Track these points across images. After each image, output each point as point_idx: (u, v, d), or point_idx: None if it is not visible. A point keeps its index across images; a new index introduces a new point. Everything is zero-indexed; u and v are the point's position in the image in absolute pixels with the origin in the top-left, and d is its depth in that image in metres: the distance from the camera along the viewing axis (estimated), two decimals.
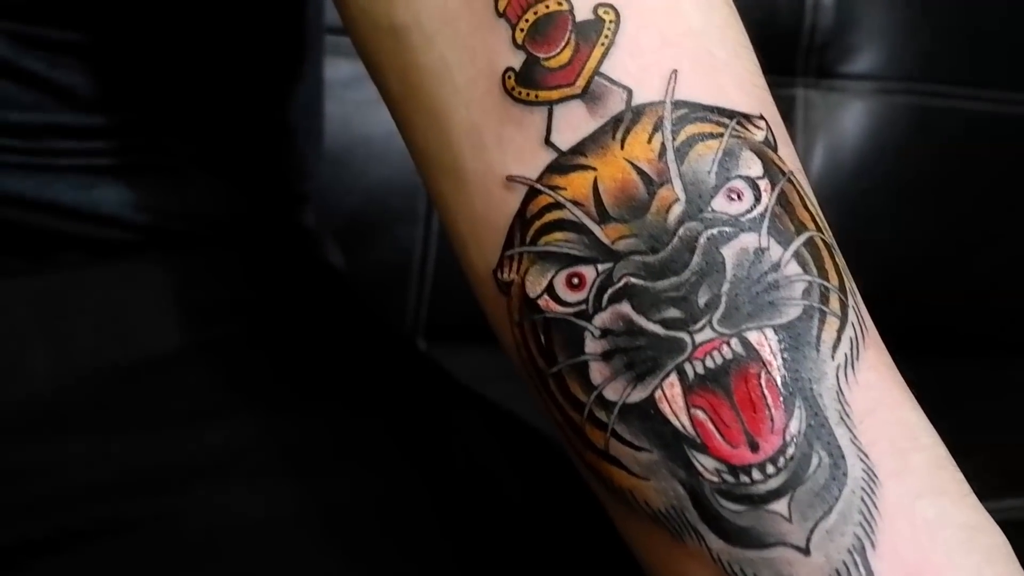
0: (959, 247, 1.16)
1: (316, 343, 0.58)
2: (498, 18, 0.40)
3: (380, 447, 0.52)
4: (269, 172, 0.64)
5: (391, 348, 0.62)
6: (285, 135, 0.65)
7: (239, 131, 0.61)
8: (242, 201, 0.61)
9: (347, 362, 0.57)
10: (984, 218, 1.16)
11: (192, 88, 0.59)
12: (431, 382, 0.59)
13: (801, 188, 0.39)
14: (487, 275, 0.40)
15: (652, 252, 0.37)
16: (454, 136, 0.41)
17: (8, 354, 0.53)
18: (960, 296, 1.17)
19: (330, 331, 0.59)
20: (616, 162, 0.37)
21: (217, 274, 0.58)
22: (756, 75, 0.40)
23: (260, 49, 0.62)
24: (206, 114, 0.59)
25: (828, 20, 1.12)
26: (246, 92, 0.61)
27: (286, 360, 0.56)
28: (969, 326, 1.18)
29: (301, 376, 0.55)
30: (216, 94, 0.60)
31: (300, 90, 0.65)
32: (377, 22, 0.43)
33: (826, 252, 0.38)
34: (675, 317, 0.36)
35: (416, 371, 0.60)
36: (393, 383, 0.57)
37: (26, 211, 0.55)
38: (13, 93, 0.55)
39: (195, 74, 0.59)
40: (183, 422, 0.52)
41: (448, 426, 0.55)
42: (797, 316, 0.36)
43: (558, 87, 0.38)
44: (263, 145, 0.63)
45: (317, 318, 0.60)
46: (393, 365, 0.59)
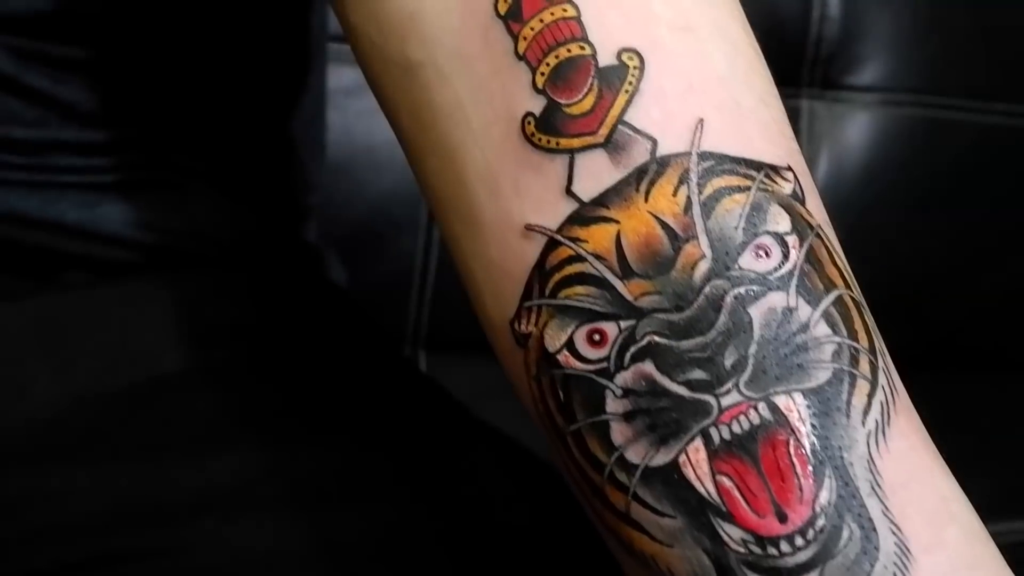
0: (965, 261, 1.16)
1: (319, 368, 0.57)
2: (517, 60, 0.38)
3: (386, 478, 0.52)
4: (273, 185, 0.63)
5: (394, 372, 0.61)
6: (289, 147, 0.64)
7: (243, 144, 0.61)
8: (246, 216, 0.61)
9: (351, 388, 0.57)
10: (992, 232, 1.16)
11: (196, 102, 0.58)
12: (435, 408, 0.59)
13: (829, 243, 0.38)
14: (503, 325, 0.39)
15: (677, 310, 0.36)
16: (469, 179, 0.39)
17: (10, 378, 0.52)
18: (967, 311, 1.16)
19: (333, 355, 0.59)
20: (640, 215, 0.36)
21: (220, 295, 0.57)
22: (782, 123, 0.39)
23: (265, 61, 0.61)
24: (210, 128, 0.59)
25: (834, 31, 1.12)
26: (250, 104, 0.61)
27: (290, 386, 0.55)
28: (976, 341, 1.18)
29: (305, 403, 0.55)
30: (220, 107, 0.59)
31: (304, 101, 0.65)
32: (390, 57, 0.42)
33: (855, 311, 0.37)
34: (700, 379, 0.35)
35: (420, 396, 0.59)
36: (397, 410, 0.57)
37: (29, 230, 0.55)
38: (17, 109, 0.54)
39: (199, 88, 0.58)
40: (188, 453, 0.51)
41: (454, 455, 0.54)
42: (827, 380, 0.35)
43: (580, 135, 0.37)
44: (267, 157, 0.62)
45: (320, 342, 0.59)
46: (397, 390, 0.59)
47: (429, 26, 0.40)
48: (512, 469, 0.55)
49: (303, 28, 0.64)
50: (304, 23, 0.64)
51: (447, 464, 0.53)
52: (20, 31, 0.54)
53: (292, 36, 0.64)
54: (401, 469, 0.52)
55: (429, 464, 0.53)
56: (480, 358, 0.86)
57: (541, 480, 0.54)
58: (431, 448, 0.54)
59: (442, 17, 0.40)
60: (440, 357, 1.09)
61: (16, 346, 0.53)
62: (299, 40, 0.64)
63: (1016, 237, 1.16)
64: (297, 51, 0.64)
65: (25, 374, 0.53)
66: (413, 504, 0.50)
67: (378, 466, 0.52)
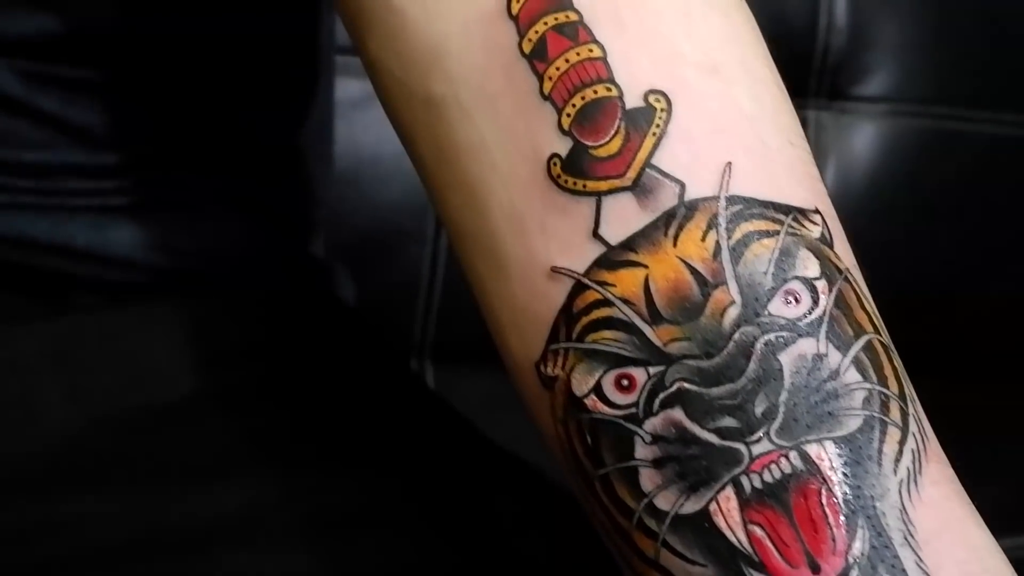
0: (973, 270, 1.16)
1: (331, 391, 0.57)
2: (543, 100, 0.38)
3: (401, 505, 0.51)
4: (282, 199, 0.63)
5: (406, 394, 0.61)
6: (297, 160, 0.64)
7: (252, 160, 0.60)
8: (256, 233, 0.60)
9: (363, 412, 0.56)
10: (999, 241, 1.16)
11: (206, 119, 0.58)
12: (449, 432, 0.58)
13: (858, 286, 0.37)
14: (528, 366, 0.39)
15: (706, 357, 0.35)
16: (493, 219, 0.39)
17: (22, 402, 0.52)
18: (974, 321, 1.16)
19: (345, 378, 0.58)
20: (668, 260, 0.36)
21: (231, 317, 0.57)
22: (809, 163, 0.39)
23: (274, 76, 0.61)
24: (220, 145, 0.59)
25: (841, 41, 1.12)
26: (260, 119, 0.61)
27: (302, 410, 0.55)
28: (984, 349, 1.18)
29: (318, 428, 0.54)
30: (230, 124, 0.59)
31: (312, 114, 0.65)
32: (412, 92, 0.42)
33: (884, 356, 0.37)
34: (731, 427, 0.35)
35: (433, 420, 0.59)
36: (411, 434, 0.56)
37: (40, 253, 0.55)
38: (26, 132, 0.54)
39: (209, 105, 0.58)
40: (202, 480, 0.51)
41: (469, 480, 0.54)
42: (858, 428, 0.35)
43: (607, 178, 0.37)
44: (276, 172, 0.62)
45: (331, 364, 0.59)
46: (410, 413, 0.59)
47: (453, 62, 0.40)
48: (526, 494, 0.55)
49: (311, 42, 0.64)
50: (312, 37, 0.64)
51: (462, 490, 0.53)
52: (29, 53, 0.54)
53: (301, 50, 0.64)
54: (415, 495, 0.52)
55: (444, 490, 0.53)
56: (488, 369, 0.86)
57: (555, 504, 0.54)
58: (445, 474, 0.54)
59: (466, 54, 0.40)
60: (447, 368, 1.09)
61: (27, 370, 0.53)
62: (307, 54, 0.64)
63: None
64: (305, 65, 0.64)
65: (37, 398, 0.52)
66: (429, 531, 0.50)
67: (393, 493, 0.52)
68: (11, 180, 0.54)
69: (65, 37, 0.54)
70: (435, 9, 0.41)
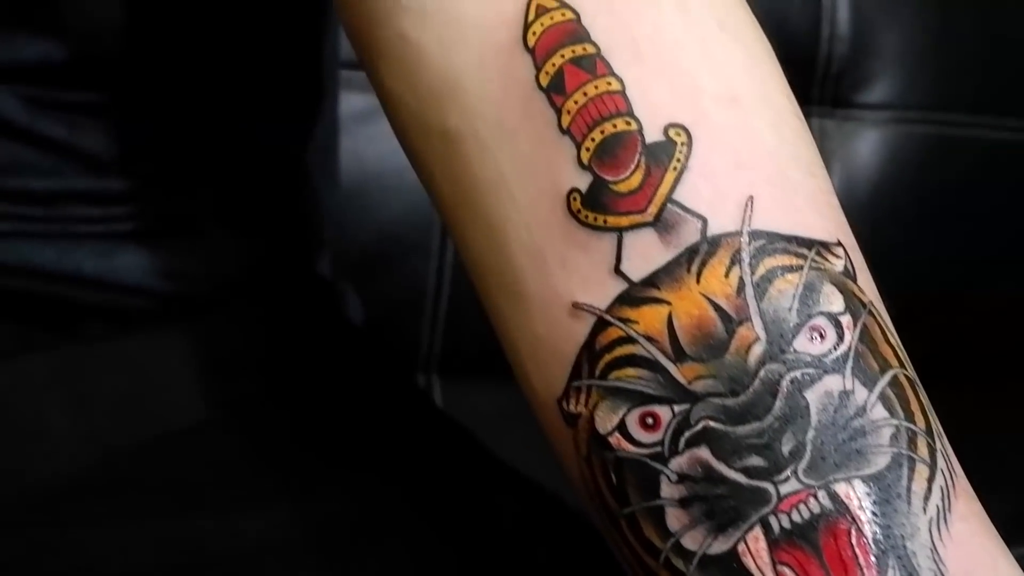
0: (978, 275, 1.16)
1: (341, 414, 0.57)
2: (561, 134, 0.38)
3: (408, 522, 0.51)
4: (288, 218, 0.63)
5: (416, 414, 0.61)
6: (303, 178, 0.64)
7: (259, 180, 0.60)
8: (263, 254, 0.61)
9: (373, 433, 0.56)
10: (1004, 245, 1.16)
11: (212, 141, 0.58)
12: (458, 450, 0.58)
13: (881, 320, 0.37)
14: (550, 402, 0.38)
15: (732, 395, 0.35)
16: (513, 254, 0.39)
17: (33, 430, 0.52)
18: (979, 326, 1.16)
19: (354, 401, 0.58)
20: (692, 297, 0.36)
21: (239, 342, 0.57)
22: (829, 193, 0.39)
23: (280, 95, 0.61)
24: (226, 167, 0.59)
25: (844, 49, 1.12)
26: (266, 138, 0.61)
27: (312, 434, 0.55)
28: (987, 356, 1.18)
29: (328, 450, 0.54)
30: (237, 145, 0.59)
31: (317, 131, 0.65)
32: (429, 126, 0.41)
33: (910, 390, 0.36)
34: (758, 466, 0.35)
35: (442, 438, 0.59)
36: (420, 453, 0.56)
37: (47, 282, 0.54)
38: (32, 159, 0.54)
39: (214, 127, 0.58)
40: (212, 506, 0.51)
41: (477, 499, 0.54)
42: (886, 465, 0.35)
43: (628, 213, 0.37)
44: (282, 191, 0.62)
45: (340, 387, 0.59)
46: (419, 433, 0.59)
47: (470, 96, 0.40)
48: (534, 510, 0.55)
49: (316, 59, 0.64)
50: (317, 54, 0.64)
51: (467, 504, 0.53)
52: (32, 79, 0.53)
53: (306, 69, 0.64)
54: (424, 511, 0.52)
55: (450, 505, 0.53)
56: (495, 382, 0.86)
57: (561, 521, 0.54)
58: (452, 489, 0.54)
59: (482, 87, 0.40)
60: (454, 381, 1.09)
61: (38, 398, 0.53)
62: (312, 72, 0.64)
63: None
64: (311, 83, 0.64)
65: (48, 426, 0.52)
66: (437, 545, 0.50)
67: (403, 509, 0.51)
68: (17, 208, 0.54)
69: (68, 62, 0.53)
70: (450, 41, 0.40)
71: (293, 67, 0.62)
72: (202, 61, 0.57)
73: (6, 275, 0.54)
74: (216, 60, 0.57)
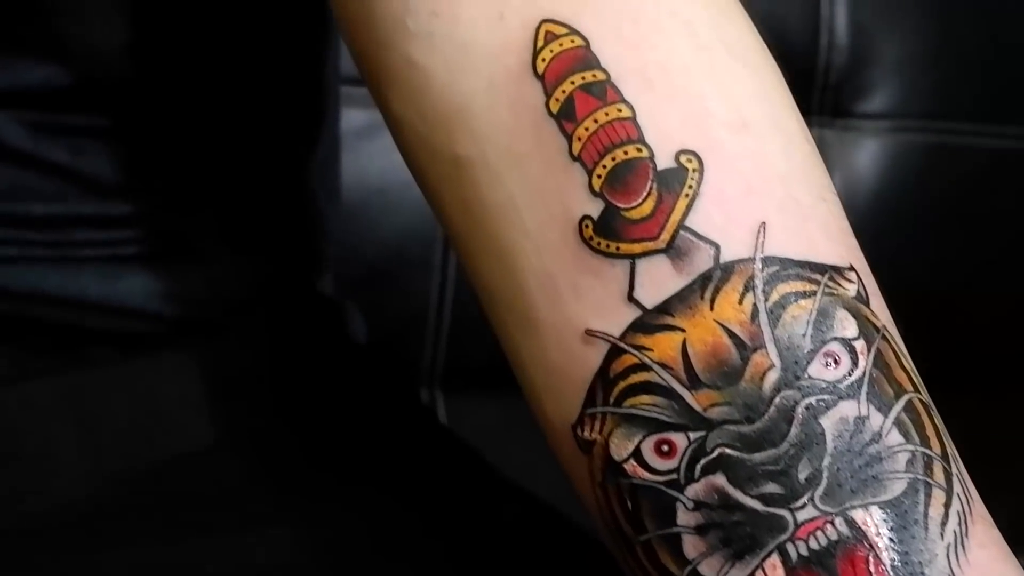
0: (980, 283, 1.16)
1: (346, 433, 0.57)
2: (572, 161, 0.38)
3: (419, 544, 0.51)
4: (292, 238, 0.63)
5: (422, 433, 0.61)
6: (306, 198, 0.64)
7: (261, 201, 0.60)
8: (267, 275, 0.61)
9: (377, 452, 0.56)
10: (1006, 254, 1.16)
11: (215, 163, 0.58)
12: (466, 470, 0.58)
13: (895, 344, 0.37)
14: (564, 429, 0.38)
15: (747, 422, 0.35)
16: (525, 281, 0.39)
17: (41, 457, 0.52)
18: (981, 335, 1.16)
19: (359, 419, 0.58)
20: (706, 324, 0.36)
21: (245, 363, 0.57)
22: (841, 218, 0.39)
23: (282, 114, 0.61)
24: (230, 188, 0.59)
25: (842, 59, 1.12)
26: (269, 158, 0.61)
27: (319, 454, 0.55)
28: (988, 364, 1.17)
29: (336, 471, 0.54)
30: (240, 165, 0.59)
31: (320, 149, 0.65)
32: (437, 151, 0.41)
33: (925, 415, 0.37)
34: (774, 493, 0.35)
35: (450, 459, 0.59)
36: (428, 474, 0.56)
37: (51, 307, 0.54)
38: (35, 184, 0.54)
39: (218, 147, 0.58)
40: (222, 530, 0.51)
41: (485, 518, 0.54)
42: (903, 491, 0.35)
43: (641, 240, 0.37)
44: (285, 211, 0.62)
45: (346, 407, 0.59)
46: (426, 453, 0.59)
47: (478, 121, 0.40)
48: (538, 526, 0.55)
49: (318, 78, 0.64)
50: (319, 73, 0.64)
51: (477, 527, 0.53)
52: (35, 104, 0.53)
53: (308, 88, 0.64)
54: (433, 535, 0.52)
55: (461, 529, 0.53)
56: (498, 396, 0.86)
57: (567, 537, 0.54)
58: (462, 512, 0.54)
59: (491, 113, 0.40)
60: (458, 396, 1.09)
61: (44, 425, 0.53)
62: (315, 90, 0.64)
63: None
64: (313, 101, 0.64)
65: (55, 452, 0.52)
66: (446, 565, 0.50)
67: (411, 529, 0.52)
68: (21, 233, 0.54)
69: (71, 86, 0.53)
70: (459, 67, 0.40)
71: (295, 87, 0.62)
72: (204, 83, 0.57)
73: (12, 300, 0.54)
74: (218, 81, 0.57)
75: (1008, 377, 1.18)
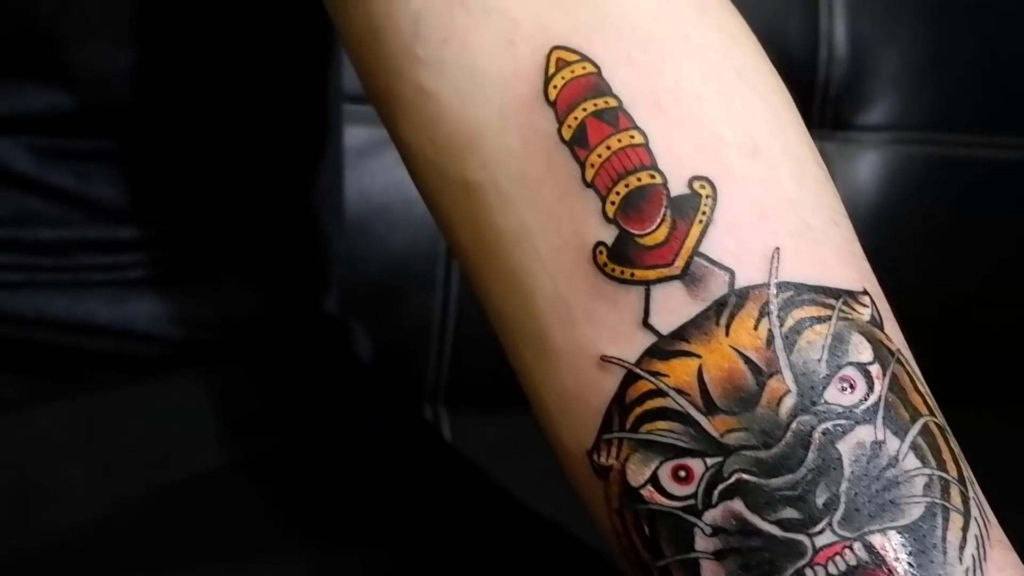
0: (982, 293, 1.16)
1: (355, 457, 0.57)
2: (585, 188, 0.38)
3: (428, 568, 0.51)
4: (297, 260, 0.63)
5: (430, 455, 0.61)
6: (311, 219, 0.64)
7: (268, 224, 0.60)
8: (273, 297, 0.60)
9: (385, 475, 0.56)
10: (1008, 263, 1.15)
11: (221, 186, 0.58)
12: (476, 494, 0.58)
13: (909, 367, 0.37)
14: (580, 455, 0.38)
15: (764, 447, 0.35)
16: (538, 307, 0.39)
17: (49, 483, 0.52)
18: (983, 347, 1.16)
19: (366, 441, 0.58)
20: (722, 350, 0.36)
21: (252, 386, 0.57)
22: (853, 241, 0.39)
23: (285, 136, 0.61)
24: (235, 211, 0.59)
25: (841, 72, 1.12)
26: (274, 182, 0.61)
27: (328, 478, 0.55)
28: (989, 377, 1.17)
29: (345, 497, 0.54)
30: (245, 188, 0.59)
31: (324, 170, 0.65)
32: (449, 177, 0.42)
33: (941, 438, 0.37)
34: (792, 518, 0.35)
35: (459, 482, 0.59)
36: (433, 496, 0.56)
37: (59, 331, 0.54)
38: (41, 210, 0.54)
39: (224, 170, 0.58)
40: (232, 558, 0.51)
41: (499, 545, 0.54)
42: (920, 516, 0.35)
43: (655, 267, 0.37)
44: (289, 232, 0.62)
45: (353, 428, 0.59)
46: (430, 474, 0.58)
47: (490, 149, 0.40)
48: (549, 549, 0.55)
49: (322, 100, 0.64)
50: (323, 95, 0.64)
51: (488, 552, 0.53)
52: (41, 129, 0.53)
53: (312, 110, 0.64)
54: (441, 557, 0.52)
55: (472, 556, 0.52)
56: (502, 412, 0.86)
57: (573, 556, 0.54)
58: (468, 535, 0.54)
59: (503, 139, 0.40)
60: (461, 412, 1.09)
61: (52, 450, 0.53)
62: (319, 112, 0.64)
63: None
64: (317, 123, 0.64)
65: (63, 478, 0.52)
66: None
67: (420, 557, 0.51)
68: (28, 259, 0.54)
69: (76, 111, 0.53)
70: (470, 94, 0.40)
71: (299, 107, 0.63)
72: (209, 106, 0.57)
73: (20, 325, 0.54)
74: (223, 104, 0.58)
75: (1010, 387, 1.18)
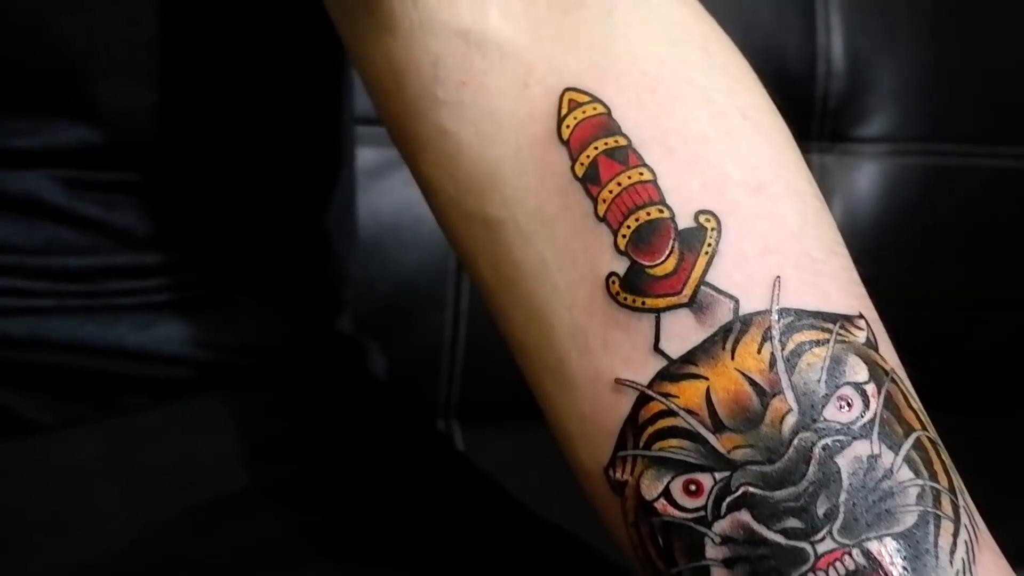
0: (982, 303, 1.16)
1: (378, 477, 0.58)
2: (598, 222, 0.41)
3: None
4: (313, 283, 0.64)
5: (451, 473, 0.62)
6: (325, 243, 0.66)
7: (285, 249, 0.62)
8: (292, 322, 0.62)
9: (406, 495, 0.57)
10: (1006, 277, 1.17)
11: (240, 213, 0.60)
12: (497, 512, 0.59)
13: (903, 386, 0.40)
14: (598, 473, 0.41)
15: (769, 462, 0.38)
16: (557, 337, 0.42)
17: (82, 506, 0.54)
18: (985, 355, 1.17)
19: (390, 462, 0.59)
20: (728, 373, 0.38)
21: (275, 408, 0.59)
22: (850, 269, 0.41)
23: (302, 162, 0.63)
24: (252, 238, 0.60)
25: (840, 85, 1.13)
26: (288, 208, 0.62)
27: (351, 499, 0.56)
28: (991, 385, 1.19)
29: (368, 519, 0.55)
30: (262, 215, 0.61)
31: (337, 195, 0.66)
32: (469, 213, 0.44)
33: (933, 451, 0.39)
34: (795, 527, 0.37)
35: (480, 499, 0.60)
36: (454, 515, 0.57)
37: (89, 356, 0.56)
38: (70, 239, 0.56)
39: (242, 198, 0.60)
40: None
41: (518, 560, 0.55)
42: (914, 523, 0.37)
43: (665, 295, 0.39)
44: (305, 256, 0.64)
45: (374, 448, 0.60)
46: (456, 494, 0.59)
47: (508, 186, 0.43)
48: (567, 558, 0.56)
49: (336, 126, 0.66)
50: (337, 121, 0.66)
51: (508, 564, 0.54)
52: (71, 163, 0.55)
53: (327, 137, 0.65)
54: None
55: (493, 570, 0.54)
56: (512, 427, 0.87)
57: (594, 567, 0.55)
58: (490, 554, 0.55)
59: (520, 177, 0.42)
60: (473, 427, 1.10)
61: (84, 474, 0.54)
62: (333, 138, 0.66)
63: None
64: (331, 149, 0.66)
65: (95, 502, 0.54)
66: None
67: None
68: (58, 285, 0.56)
69: (104, 145, 0.55)
70: (487, 134, 0.43)
71: (315, 136, 0.64)
72: (228, 140, 0.59)
73: (51, 350, 0.56)
74: (242, 138, 0.59)
75: (1010, 397, 1.20)
